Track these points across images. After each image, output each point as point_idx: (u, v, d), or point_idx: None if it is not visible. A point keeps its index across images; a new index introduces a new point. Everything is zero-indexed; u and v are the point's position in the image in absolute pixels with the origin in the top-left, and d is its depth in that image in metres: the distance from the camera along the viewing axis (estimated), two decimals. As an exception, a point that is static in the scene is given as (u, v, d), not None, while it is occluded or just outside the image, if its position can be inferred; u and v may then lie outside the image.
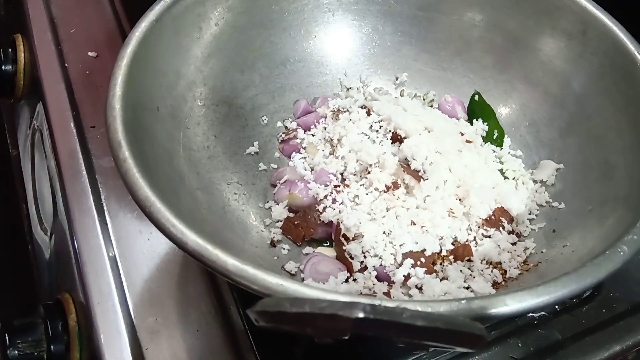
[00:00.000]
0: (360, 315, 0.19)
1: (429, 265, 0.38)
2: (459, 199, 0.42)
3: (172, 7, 0.40)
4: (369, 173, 0.43)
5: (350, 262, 0.39)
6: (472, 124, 0.48)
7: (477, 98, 0.49)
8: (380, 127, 0.46)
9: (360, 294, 0.37)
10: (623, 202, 0.37)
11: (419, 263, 0.38)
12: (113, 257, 0.42)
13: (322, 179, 0.43)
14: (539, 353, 0.39)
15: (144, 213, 0.30)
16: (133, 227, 0.43)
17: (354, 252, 0.39)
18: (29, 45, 0.56)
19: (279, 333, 0.25)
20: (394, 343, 0.23)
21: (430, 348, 0.34)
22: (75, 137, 0.48)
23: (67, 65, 0.53)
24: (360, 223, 0.40)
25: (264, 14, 0.46)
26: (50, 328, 0.39)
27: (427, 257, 0.39)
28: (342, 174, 0.44)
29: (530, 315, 0.41)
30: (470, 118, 0.49)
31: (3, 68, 0.55)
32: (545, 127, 0.46)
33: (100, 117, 0.34)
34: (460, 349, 0.23)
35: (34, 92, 0.54)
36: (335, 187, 0.42)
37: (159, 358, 0.38)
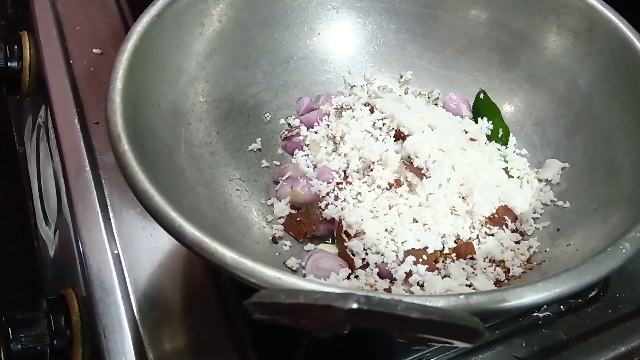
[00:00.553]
0: (354, 306, 0.19)
1: (431, 263, 0.38)
2: (462, 197, 0.41)
3: (174, 2, 0.40)
4: (372, 170, 0.42)
5: (352, 258, 0.38)
6: (477, 123, 0.48)
7: (482, 96, 0.49)
8: (384, 124, 0.45)
9: (361, 290, 0.37)
10: (627, 201, 0.37)
11: (421, 260, 0.38)
12: (116, 252, 0.42)
13: (324, 176, 0.43)
14: (543, 353, 0.39)
15: (143, 206, 0.30)
16: (136, 222, 0.43)
17: (356, 249, 0.39)
18: (35, 43, 0.56)
19: (281, 328, 0.25)
20: (393, 338, 0.23)
21: (430, 344, 0.34)
22: (80, 133, 0.49)
23: (72, 62, 0.53)
24: (363, 220, 0.39)
25: (267, 11, 0.46)
26: (54, 323, 0.39)
27: (429, 254, 0.38)
28: (344, 172, 0.43)
29: (535, 315, 0.41)
30: (475, 116, 0.48)
31: (9, 65, 0.56)
32: (551, 125, 0.46)
33: (104, 113, 0.34)
34: (459, 344, 0.22)
35: (40, 88, 0.55)
36: (338, 184, 0.42)
37: (161, 353, 0.38)
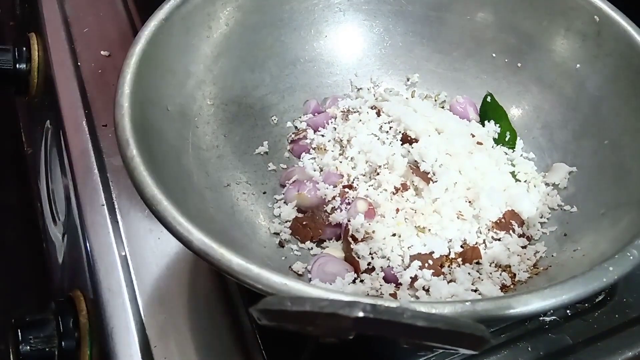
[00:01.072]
0: (360, 315, 0.19)
1: (437, 268, 0.38)
2: (469, 202, 0.41)
3: (181, 6, 0.40)
4: (378, 174, 0.42)
5: (358, 261, 0.38)
6: (484, 126, 0.48)
7: (489, 99, 0.48)
8: (390, 128, 0.45)
9: (367, 295, 0.37)
10: (636, 205, 0.36)
11: (427, 265, 0.38)
12: (124, 255, 0.42)
13: (330, 180, 0.43)
14: (549, 358, 0.39)
15: (151, 211, 0.31)
16: (144, 225, 0.44)
17: (362, 252, 0.39)
18: (43, 44, 0.57)
19: (287, 333, 0.25)
20: (398, 344, 0.23)
21: (435, 350, 0.34)
22: (87, 135, 0.49)
23: (80, 64, 0.54)
24: (369, 224, 0.39)
25: (274, 14, 0.46)
26: (62, 324, 0.40)
27: (435, 259, 0.38)
28: (349, 175, 0.43)
29: (541, 319, 0.40)
30: (482, 119, 0.48)
31: (18, 66, 0.56)
32: (559, 129, 0.45)
33: (112, 116, 0.35)
34: (464, 351, 0.22)
35: (48, 90, 0.55)
36: (344, 187, 0.42)
37: (168, 355, 0.38)
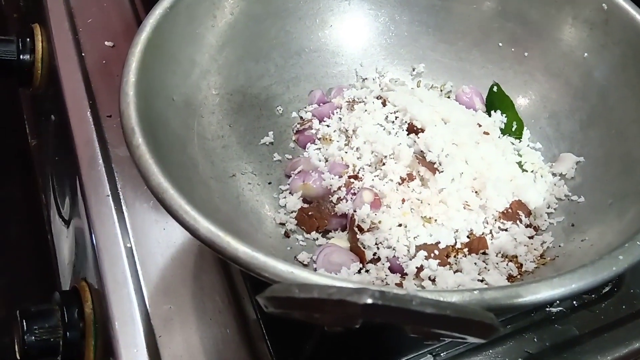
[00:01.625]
0: (369, 301, 0.19)
1: (443, 258, 0.38)
2: (475, 192, 0.41)
3: (186, -6, 0.40)
4: (384, 165, 0.42)
5: (363, 251, 0.38)
6: (490, 116, 0.47)
7: (495, 89, 0.48)
8: (396, 118, 0.45)
9: (372, 284, 0.37)
10: (645, 195, 0.36)
11: (433, 255, 0.38)
12: (129, 246, 0.42)
13: (336, 170, 0.43)
14: (555, 348, 0.39)
15: (157, 199, 0.30)
16: (149, 216, 0.44)
17: (368, 242, 0.38)
18: (47, 35, 0.56)
19: (291, 323, 0.25)
20: (405, 333, 0.23)
21: (442, 339, 0.33)
22: (92, 126, 0.49)
23: (84, 55, 0.54)
24: (375, 214, 0.39)
25: (279, 3, 0.46)
26: (67, 315, 0.40)
27: (441, 249, 0.38)
28: (354, 166, 0.43)
29: (547, 310, 0.40)
30: (489, 110, 0.48)
31: (22, 57, 0.56)
32: (566, 119, 0.45)
33: (117, 106, 0.34)
34: (472, 339, 0.22)
35: (52, 81, 0.55)
36: (350, 178, 0.42)
37: (173, 346, 0.38)
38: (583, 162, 0.43)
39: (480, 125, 0.45)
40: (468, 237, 0.40)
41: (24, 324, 0.39)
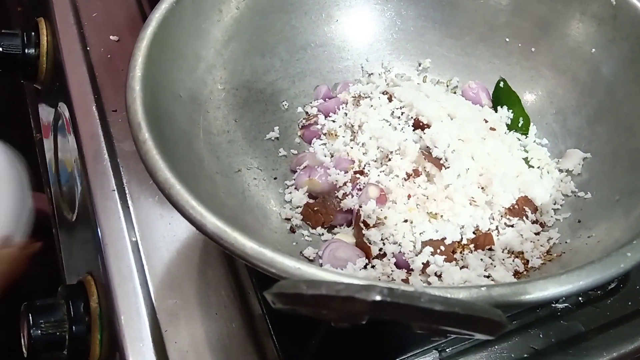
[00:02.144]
0: (377, 298, 0.19)
1: (449, 254, 0.38)
2: (482, 188, 0.41)
3: (192, -11, 0.40)
4: (390, 160, 0.42)
5: (369, 247, 0.38)
6: (496, 111, 0.47)
7: (502, 85, 0.48)
8: (402, 113, 0.45)
9: (379, 280, 0.37)
10: (652, 192, 0.36)
11: (439, 251, 0.38)
12: (134, 240, 0.42)
13: (341, 165, 0.43)
14: (561, 344, 0.39)
15: (164, 195, 0.30)
16: (154, 211, 0.44)
17: (373, 238, 0.38)
18: (52, 29, 0.56)
19: (297, 317, 0.25)
20: (412, 329, 0.23)
21: (448, 335, 0.33)
22: (97, 120, 0.49)
23: (89, 49, 0.54)
24: (381, 210, 0.39)
25: (285, -3, 0.46)
26: (73, 309, 0.40)
27: (447, 245, 0.38)
28: (360, 161, 0.43)
29: (553, 306, 0.40)
30: (495, 105, 0.48)
31: (26, 51, 0.56)
32: (573, 114, 0.45)
33: (122, 100, 0.34)
34: (479, 336, 0.22)
35: (57, 75, 0.55)
36: (355, 173, 0.42)
37: (178, 340, 0.38)
38: (590, 158, 0.43)
39: (487, 121, 0.45)
40: (474, 233, 0.39)
41: (30, 318, 0.39)
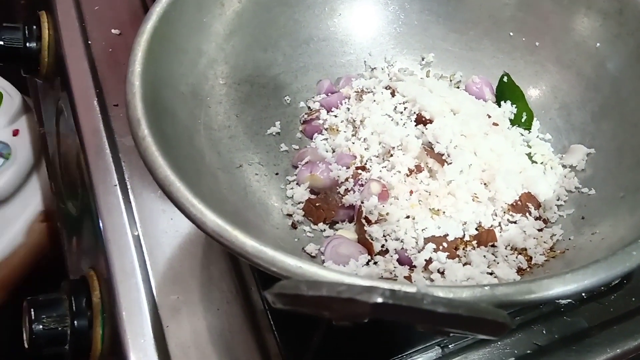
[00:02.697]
0: (379, 301, 0.19)
1: (452, 250, 0.38)
2: (484, 184, 0.41)
3: (194, -18, 0.39)
4: (392, 156, 0.42)
5: (371, 243, 0.38)
6: (500, 106, 0.47)
7: (506, 79, 0.47)
8: (405, 108, 0.45)
9: (381, 278, 0.36)
10: (658, 189, 0.36)
11: (441, 248, 0.37)
12: (137, 235, 0.42)
13: (343, 161, 0.42)
14: (564, 341, 0.39)
15: (163, 192, 0.30)
16: (156, 206, 0.44)
17: (375, 234, 0.38)
18: (54, 22, 0.56)
19: (298, 314, 0.24)
20: (414, 328, 0.23)
21: (451, 333, 0.33)
22: (99, 115, 0.49)
23: (90, 43, 0.53)
24: (383, 206, 0.39)
25: (288, -9, 0.46)
26: (75, 304, 0.40)
27: (449, 242, 0.38)
28: (362, 157, 0.43)
29: (557, 302, 0.40)
30: (499, 100, 0.47)
31: (28, 45, 0.56)
32: (577, 110, 0.45)
33: (123, 95, 0.34)
34: (483, 337, 0.22)
35: (59, 69, 0.54)
36: (357, 169, 0.42)
37: (180, 335, 0.38)
38: (594, 154, 0.42)
39: (490, 116, 0.45)
40: (477, 229, 0.39)
41: (32, 313, 0.39)
